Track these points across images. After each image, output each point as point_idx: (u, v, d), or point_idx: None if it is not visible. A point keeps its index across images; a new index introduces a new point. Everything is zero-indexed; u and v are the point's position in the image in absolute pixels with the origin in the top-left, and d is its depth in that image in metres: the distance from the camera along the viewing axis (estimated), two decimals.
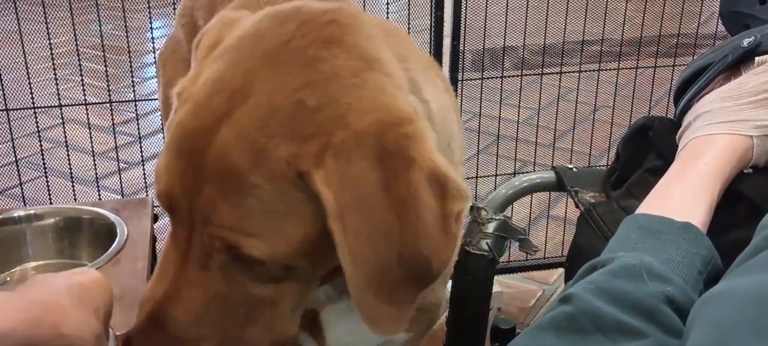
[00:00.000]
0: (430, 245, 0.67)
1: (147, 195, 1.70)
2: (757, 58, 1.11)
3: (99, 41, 1.96)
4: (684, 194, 0.99)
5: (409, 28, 1.93)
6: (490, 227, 1.25)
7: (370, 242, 0.66)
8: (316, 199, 0.67)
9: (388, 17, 1.97)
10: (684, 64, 1.54)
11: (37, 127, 1.90)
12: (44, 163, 1.92)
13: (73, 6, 1.84)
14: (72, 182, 2.01)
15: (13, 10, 1.80)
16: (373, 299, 0.69)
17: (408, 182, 0.66)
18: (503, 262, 2.11)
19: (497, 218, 1.27)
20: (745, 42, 1.12)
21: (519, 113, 2.19)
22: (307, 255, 0.72)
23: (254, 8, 1.26)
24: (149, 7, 1.94)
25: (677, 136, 1.14)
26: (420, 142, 0.67)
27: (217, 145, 0.69)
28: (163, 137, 1.63)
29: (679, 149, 1.09)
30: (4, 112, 1.86)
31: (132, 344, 0.76)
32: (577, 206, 1.24)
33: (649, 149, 1.20)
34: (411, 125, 0.67)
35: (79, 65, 1.95)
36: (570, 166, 1.36)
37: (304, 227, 0.69)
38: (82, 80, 1.92)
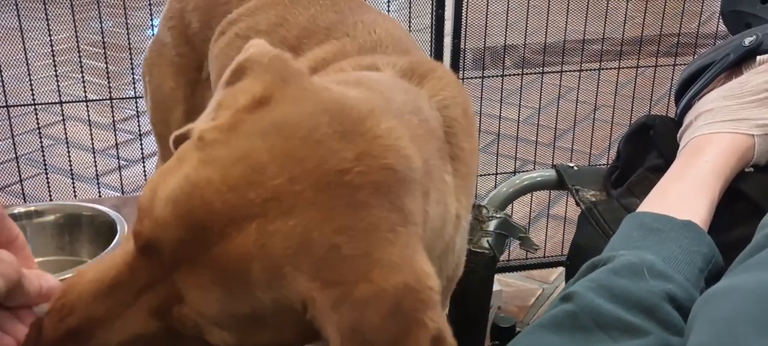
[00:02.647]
0: None
1: None
2: (758, 57, 1.11)
3: (99, 38, 1.96)
4: (685, 193, 1.00)
5: (409, 27, 1.93)
6: (491, 225, 1.25)
7: None
8: (311, 329, 0.68)
9: (388, 14, 1.96)
10: (684, 64, 1.54)
11: (38, 123, 1.90)
12: (44, 160, 1.93)
13: (73, 3, 1.84)
14: (72, 179, 2.01)
15: (14, 7, 1.80)
16: None
17: (416, 342, 0.66)
18: (503, 260, 2.11)
19: (498, 216, 1.27)
20: (747, 41, 1.13)
21: (519, 112, 2.19)
22: None
23: (268, 14, 1.26)
24: (150, 5, 1.94)
25: (678, 135, 1.14)
26: (433, 309, 0.67)
27: (237, 245, 0.65)
28: (156, 140, 1.63)
29: (680, 148, 1.09)
30: (5, 108, 1.86)
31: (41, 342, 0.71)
32: (577, 205, 1.24)
33: (650, 148, 1.20)
34: (428, 292, 0.68)
35: (80, 62, 1.95)
36: (571, 164, 1.36)
37: (285, 340, 0.71)
38: (83, 77, 1.92)
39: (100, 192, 2.21)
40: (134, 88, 1.98)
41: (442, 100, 0.90)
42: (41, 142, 1.94)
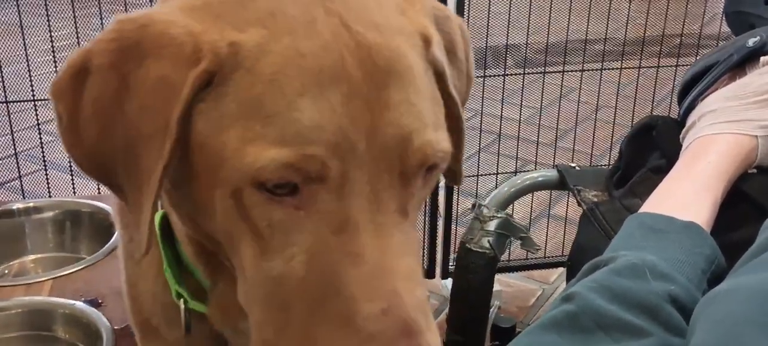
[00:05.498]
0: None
1: None
2: (762, 58, 1.11)
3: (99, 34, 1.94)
4: (688, 193, 0.99)
5: None
6: (492, 225, 1.25)
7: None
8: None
9: None
10: (687, 65, 1.53)
11: (37, 120, 1.89)
12: (44, 157, 1.92)
13: None
14: (71, 175, 2.00)
15: (15, 3, 1.80)
16: None
17: (456, 31, 0.74)
18: (503, 261, 2.10)
19: (499, 215, 1.26)
20: (751, 42, 1.12)
21: (521, 112, 2.18)
22: None
23: None
24: (151, 1, 1.93)
25: (681, 136, 1.13)
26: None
27: (374, 47, 0.60)
28: None
29: (683, 148, 1.09)
30: (4, 104, 1.86)
31: None
32: (579, 205, 1.24)
33: (652, 148, 1.20)
34: None
35: None
36: (573, 164, 1.36)
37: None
38: None
39: (99, 189, 2.20)
40: None
41: None
42: (41, 138, 1.93)
